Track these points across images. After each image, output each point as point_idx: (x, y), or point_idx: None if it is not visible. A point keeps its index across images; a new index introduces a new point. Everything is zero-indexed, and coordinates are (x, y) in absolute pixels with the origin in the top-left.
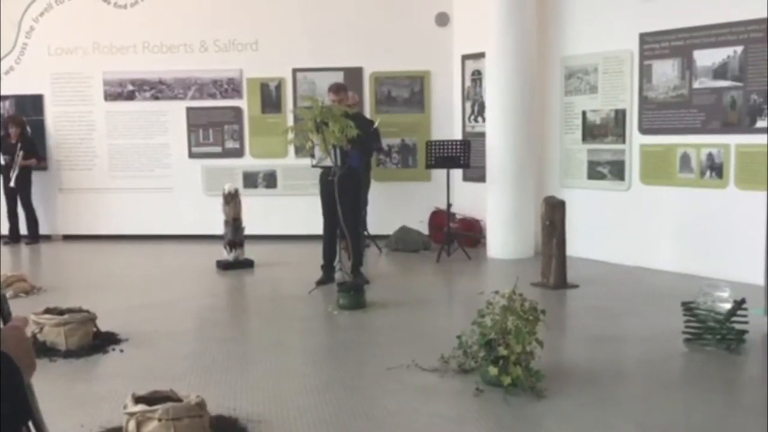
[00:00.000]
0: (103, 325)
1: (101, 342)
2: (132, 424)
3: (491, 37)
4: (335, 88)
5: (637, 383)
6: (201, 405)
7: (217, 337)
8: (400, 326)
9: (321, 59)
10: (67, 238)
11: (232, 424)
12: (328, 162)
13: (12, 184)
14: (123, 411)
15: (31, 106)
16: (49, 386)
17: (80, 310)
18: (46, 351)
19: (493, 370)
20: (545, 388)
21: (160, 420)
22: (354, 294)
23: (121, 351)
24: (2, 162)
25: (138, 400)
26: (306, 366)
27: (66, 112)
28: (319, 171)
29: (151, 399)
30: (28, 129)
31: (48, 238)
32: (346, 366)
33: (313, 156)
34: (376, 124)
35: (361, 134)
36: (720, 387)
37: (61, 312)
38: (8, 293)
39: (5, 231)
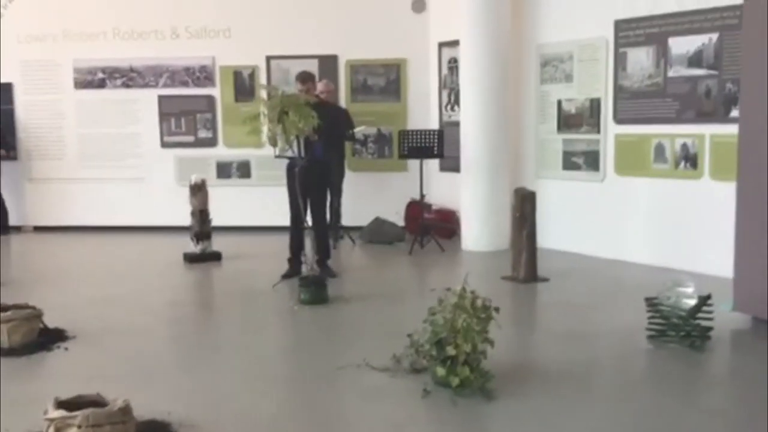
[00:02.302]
0: (54, 321)
1: (46, 339)
2: (51, 431)
3: (465, 24)
4: (302, 77)
5: (594, 383)
6: (125, 410)
7: (169, 335)
8: (359, 322)
9: (295, 47)
10: (38, 229)
11: (163, 429)
12: (291, 152)
13: None
14: (43, 417)
15: (0, 95)
16: None
17: (26, 306)
18: None
19: (440, 371)
20: (495, 389)
21: (79, 427)
22: (315, 289)
23: (66, 349)
24: None
25: (61, 404)
26: (255, 365)
27: (36, 101)
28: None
29: (76, 404)
30: None
31: (18, 229)
32: (295, 365)
33: (275, 146)
34: (357, 130)
35: (323, 124)
36: (679, 387)
37: (5, 308)
38: None
39: None
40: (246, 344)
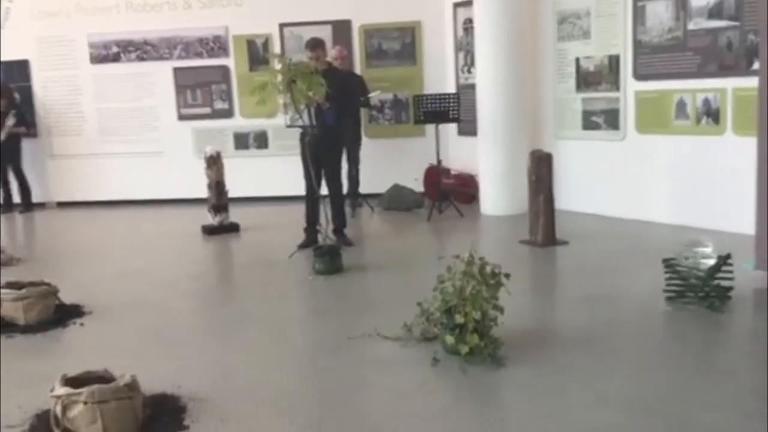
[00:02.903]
0: (71, 297)
1: (62, 316)
2: (58, 408)
3: None
4: (311, 44)
5: (608, 347)
6: (131, 386)
7: (184, 309)
8: (373, 291)
9: (308, 13)
10: (61, 205)
11: (172, 402)
12: (301, 121)
13: None
14: (50, 394)
15: (17, 72)
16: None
17: (41, 284)
18: (4, 327)
19: (450, 339)
20: (506, 356)
21: (85, 403)
22: (330, 258)
23: (82, 325)
24: None
25: (68, 381)
26: (267, 337)
27: (52, 77)
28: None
29: (83, 380)
30: (17, 96)
31: (42, 206)
32: (307, 336)
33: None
34: (371, 95)
35: (333, 92)
36: (695, 349)
37: (21, 286)
38: None
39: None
40: (259, 316)
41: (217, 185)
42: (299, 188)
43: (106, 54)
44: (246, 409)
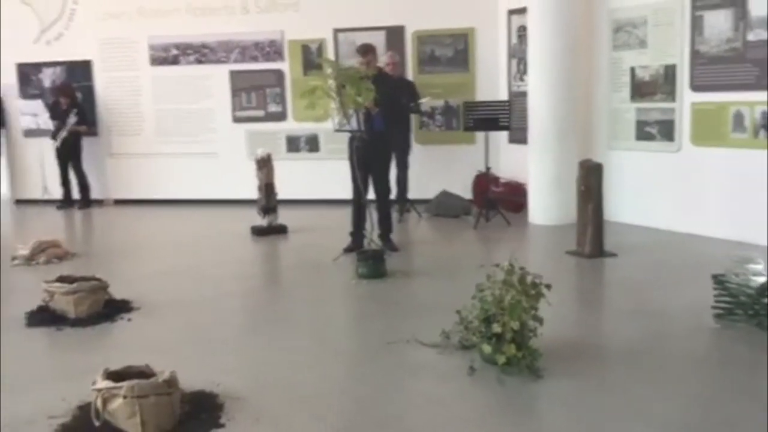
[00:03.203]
0: (121, 292)
1: (112, 310)
2: (99, 401)
3: None
4: (362, 50)
5: (651, 363)
6: (170, 382)
7: (229, 308)
8: (414, 297)
9: (363, 19)
10: (119, 202)
11: (210, 400)
12: (349, 126)
13: (58, 144)
14: (91, 387)
15: (80, 72)
16: (48, 356)
17: (92, 278)
18: (56, 319)
19: (487, 348)
20: (545, 368)
21: (125, 397)
22: (373, 263)
23: (129, 320)
24: (52, 128)
25: (110, 375)
26: (306, 340)
27: (114, 78)
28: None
29: (124, 374)
30: (79, 96)
31: (100, 202)
32: (346, 339)
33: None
34: (422, 102)
35: (382, 97)
36: (742, 369)
37: (73, 280)
38: (41, 259)
39: (59, 196)
40: (301, 317)
41: (267, 187)
42: (348, 192)
43: (166, 56)
44: (282, 410)
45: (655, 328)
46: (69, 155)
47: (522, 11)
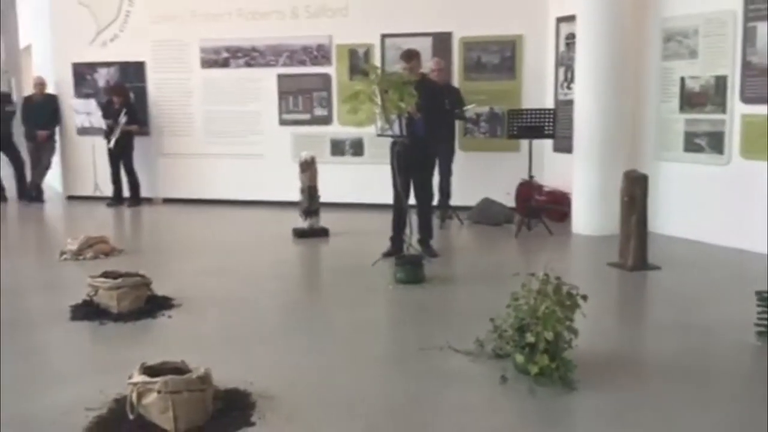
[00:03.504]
0: (164, 289)
1: (152, 307)
2: (134, 395)
3: None
4: (406, 56)
5: (688, 379)
6: (204, 379)
7: (267, 308)
8: (451, 304)
9: (410, 24)
10: (167, 201)
11: (242, 399)
12: (391, 131)
13: (111, 145)
14: (127, 381)
15: (134, 73)
16: (90, 349)
17: (136, 275)
18: (99, 314)
19: (519, 358)
20: (578, 380)
21: (159, 392)
22: (411, 268)
23: (169, 317)
24: (105, 127)
25: (146, 370)
26: (340, 343)
27: (166, 79)
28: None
29: (160, 370)
30: (132, 96)
31: (149, 201)
32: (380, 344)
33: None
34: (466, 108)
35: (424, 103)
36: None
37: (117, 276)
38: (89, 254)
39: (110, 193)
40: (337, 320)
41: (310, 189)
42: (390, 197)
43: (216, 59)
44: (313, 411)
45: (695, 343)
46: (121, 154)
47: (571, 19)
